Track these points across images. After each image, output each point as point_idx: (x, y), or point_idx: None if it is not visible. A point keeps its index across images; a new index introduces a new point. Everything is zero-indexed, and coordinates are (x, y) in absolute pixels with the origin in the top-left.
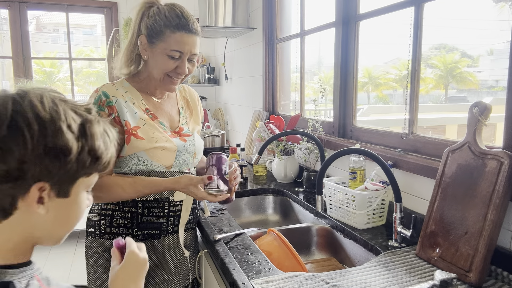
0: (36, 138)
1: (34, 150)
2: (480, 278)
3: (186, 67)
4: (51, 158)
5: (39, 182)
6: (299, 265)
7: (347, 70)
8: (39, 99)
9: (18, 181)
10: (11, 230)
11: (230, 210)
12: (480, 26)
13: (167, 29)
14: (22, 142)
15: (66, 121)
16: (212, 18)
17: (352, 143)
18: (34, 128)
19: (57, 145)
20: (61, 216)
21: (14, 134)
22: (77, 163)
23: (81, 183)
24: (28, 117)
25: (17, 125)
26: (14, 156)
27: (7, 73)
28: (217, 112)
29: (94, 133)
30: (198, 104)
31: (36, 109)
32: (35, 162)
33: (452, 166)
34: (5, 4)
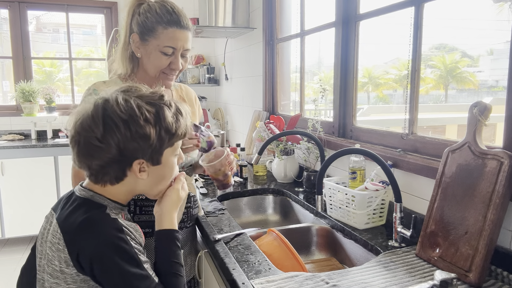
0: (123, 132)
1: (125, 140)
2: (480, 278)
3: (179, 62)
4: (139, 142)
5: (137, 160)
6: (299, 265)
7: (347, 70)
8: (116, 103)
9: (122, 162)
10: (123, 187)
11: (230, 210)
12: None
13: (159, 25)
14: (115, 137)
15: (142, 115)
16: (212, 18)
17: (352, 143)
18: (120, 125)
19: (140, 133)
20: (157, 177)
21: (109, 132)
22: (158, 141)
23: (167, 152)
24: (114, 118)
25: (109, 126)
26: (112, 147)
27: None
28: (217, 112)
29: (166, 117)
30: (195, 103)
31: (117, 112)
32: (128, 148)
33: (452, 166)
34: (5, 4)
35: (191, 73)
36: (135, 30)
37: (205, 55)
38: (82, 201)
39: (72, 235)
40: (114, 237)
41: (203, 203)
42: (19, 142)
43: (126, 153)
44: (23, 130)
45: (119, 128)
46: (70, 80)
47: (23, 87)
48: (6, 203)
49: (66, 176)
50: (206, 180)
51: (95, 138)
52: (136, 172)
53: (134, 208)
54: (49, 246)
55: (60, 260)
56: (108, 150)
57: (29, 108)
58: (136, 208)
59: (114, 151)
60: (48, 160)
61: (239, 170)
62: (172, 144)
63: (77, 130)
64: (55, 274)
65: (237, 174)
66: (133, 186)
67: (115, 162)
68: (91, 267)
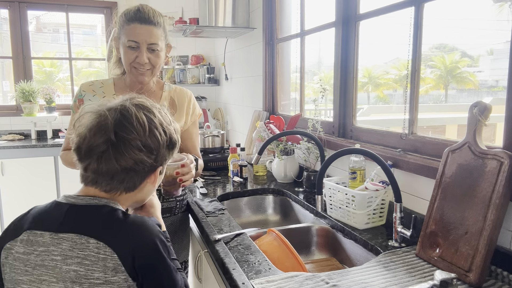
0: (163, 138)
1: (163, 146)
2: (480, 278)
3: (144, 56)
4: (169, 150)
5: (160, 167)
6: (299, 265)
7: (347, 70)
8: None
9: (151, 169)
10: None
11: (230, 210)
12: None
13: (124, 23)
14: (156, 142)
15: (172, 124)
16: (212, 18)
17: (352, 143)
18: (161, 131)
19: (172, 141)
20: (155, 187)
21: (151, 137)
22: (173, 149)
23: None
24: (156, 124)
25: (152, 131)
26: (152, 151)
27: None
28: (217, 112)
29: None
30: (186, 105)
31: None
32: (162, 154)
33: (452, 166)
34: (5, 4)
35: (191, 73)
36: (115, 34)
37: (205, 55)
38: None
39: (119, 239)
40: (160, 233)
41: (203, 203)
42: (19, 142)
43: (158, 159)
44: (23, 130)
45: (161, 134)
46: (70, 80)
47: (23, 87)
48: (6, 203)
49: (66, 176)
50: (206, 180)
51: (139, 141)
52: (156, 177)
53: None
54: (78, 262)
55: (105, 270)
56: (148, 155)
57: (29, 108)
58: None
59: (152, 156)
60: (48, 160)
61: (239, 170)
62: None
63: (114, 130)
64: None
65: (237, 174)
66: (142, 196)
67: (147, 167)
68: (146, 265)
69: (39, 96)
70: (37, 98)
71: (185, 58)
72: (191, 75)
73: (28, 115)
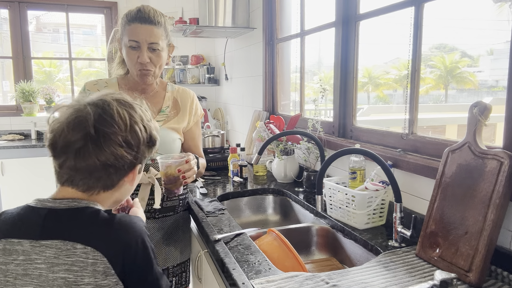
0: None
1: (143, 143)
2: (480, 278)
3: (145, 56)
4: (149, 147)
5: (140, 164)
6: (299, 265)
7: (347, 70)
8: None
9: (129, 166)
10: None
11: (230, 210)
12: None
13: (126, 23)
14: (136, 138)
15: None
16: (212, 18)
17: (352, 143)
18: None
19: (152, 138)
20: (135, 184)
21: (132, 133)
22: (153, 147)
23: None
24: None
25: (133, 127)
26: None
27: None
28: (217, 112)
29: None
30: (189, 105)
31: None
32: (142, 151)
33: (452, 166)
34: (5, 4)
35: (191, 73)
36: (119, 35)
37: (205, 55)
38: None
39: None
40: (146, 233)
41: (203, 203)
42: (19, 142)
43: (138, 155)
44: (23, 130)
45: (141, 130)
46: (70, 80)
47: (23, 87)
48: (6, 203)
49: None
50: (206, 180)
51: (120, 136)
52: (135, 175)
53: None
54: (66, 269)
55: (95, 275)
56: (128, 151)
57: (29, 108)
58: None
59: (132, 152)
60: (48, 160)
61: (239, 170)
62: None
63: (95, 126)
64: None
65: (237, 174)
66: (113, 196)
67: (127, 163)
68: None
69: (39, 96)
70: (37, 98)
71: (185, 58)
72: (191, 75)
73: (28, 115)
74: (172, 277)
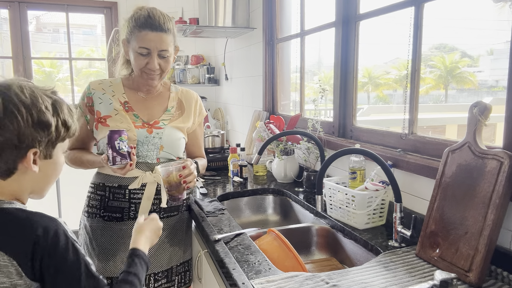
0: (25, 116)
1: (26, 125)
2: (480, 278)
3: (155, 63)
4: (39, 130)
5: (33, 148)
6: (299, 265)
7: (347, 70)
8: (20, 89)
9: (18, 149)
10: (12, 186)
11: (230, 210)
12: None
13: (135, 29)
14: (15, 120)
15: (43, 103)
16: (212, 18)
17: (352, 143)
18: (22, 110)
19: (41, 121)
20: (47, 173)
21: (8, 116)
22: (56, 132)
23: (59, 147)
24: (16, 102)
25: (9, 109)
26: (10, 130)
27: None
28: (217, 112)
29: (62, 110)
30: (196, 106)
31: (20, 97)
32: (27, 134)
33: (452, 166)
34: (5, 4)
35: (191, 73)
36: (124, 36)
37: (205, 55)
38: None
39: (13, 242)
40: (52, 227)
41: (203, 203)
42: None
43: (24, 139)
44: None
45: (21, 113)
46: (70, 80)
47: None
48: None
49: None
50: (206, 180)
51: None
52: (29, 163)
53: (108, 194)
54: None
55: (9, 275)
56: (5, 134)
57: None
58: (110, 195)
59: (12, 136)
60: None
61: (239, 170)
62: (63, 139)
63: None
64: None
65: (237, 174)
66: (21, 184)
67: (10, 148)
68: (46, 264)
69: None
70: None
71: (185, 58)
72: (191, 75)
73: None
74: (176, 276)
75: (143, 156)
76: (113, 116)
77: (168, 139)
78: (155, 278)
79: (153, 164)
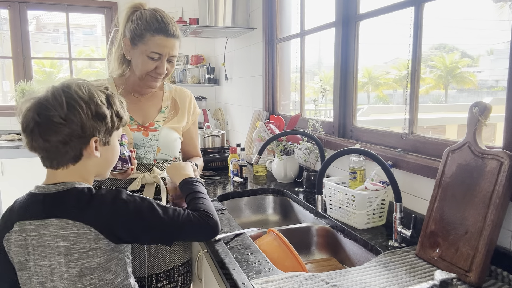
0: (85, 110)
1: (87, 118)
2: (480, 278)
3: (165, 67)
4: (97, 121)
5: (94, 137)
6: (299, 265)
7: (347, 70)
8: (78, 87)
9: (81, 138)
10: (82, 170)
11: (230, 210)
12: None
13: (147, 32)
14: (78, 114)
15: (99, 98)
16: (212, 18)
17: (352, 143)
18: (82, 105)
19: (99, 113)
20: (106, 158)
21: (72, 111)
22: (111, 122)
23: (115, 135)
24: (76, 98)
25: (72, 105)
26: (75, 122)
27: (7, 73)
28: (217, 112)
29: (115, 103)
30: (190, 104)
31: (79, 93)
32: (89, 125)
33: (452, 166)
34: (5, 4)
35: (191, 73)
36: (127, 35)
37: (205, 55)
38: (64, 193)
39: (91, 215)
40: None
41: None
42: (19, 142)
43: (86, 130)
44: None
45: (82, 107)
46: None
47: (23, 87)
48: (6, 203)
49: None
50: (206, 180)
51: (58, 116)
52: (92, 149)
53: None
54: (64, 239)
55: (88, 241)
56: (71, 126)
57: None
58: None
59: (77, 128)
60: None
61: (239, 170)
62: (118, 127)
63: (37, 111)
64: (84, 256)
65: (237, 174)
66: (92, 168)
67: (76, 137)
68: (125, 223)
69: None
70: None
71: (185, 58)
72: (191, 75)
73: None
74: (178, 277)
75: (140, 158)
76: None
77: (164, 140)
78: (157, 278)
79: (150, 165)
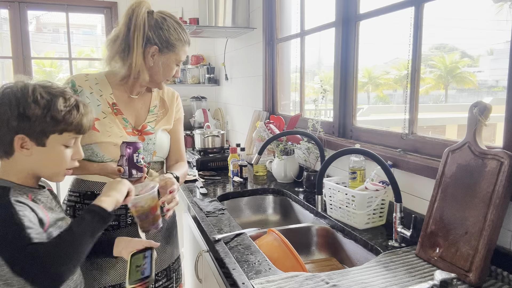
0: (13, 107)
1: (12, 115)
2: (480, 278)
3: (179, 71)
4: (24, 120)
5: (19, 134)
6: (299, 265)
7: (347, 70)
8: (18, 85)
9: (7, 135)
10: (17, 166)
11: (230, 210)
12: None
13: (179, 42)
14: (7, 110)
15: (32, 97)
16: (212, 18)
17: (352, 143)
18: (12, 102)
19: (25, 112)
20: (45, 159)
21: (2, 106)
22: (41, 124)
23: (54, 138)
24: (10, 95)
25: (3, 101)
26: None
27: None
28: (217, 112)
29: (58, 105)
30: (175, 103)
31: (14, 91)
32: (13, 121)
33: (452, 166)
34: (5, 4)
35: (191, 73)
36: (155, 43)
37: (205, 55)
38: None
39: None
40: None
41: (203, 203)
42: None
43: (10, 126)
44: None
45: (11, 104)
46: None
47: None
48: None
49: None
50: (206, 180)
51: None
52: (18, 146)
53: None
54: None
55: None
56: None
57: None
58: None
59: (1, 122)
60: None
61: (239, 170)
62: (59, 131)
63: None
64: None
65: (237, 174)
66: (25, 165)
67: (2, 133)
68: None
69: None
70: None
71: (185, 58)
72: (191, 75)
73: None
74: (173, 273)
75: None
76: (101, 120)
77: (160, 143)
78: (156, 279)
79: (147, 168)
